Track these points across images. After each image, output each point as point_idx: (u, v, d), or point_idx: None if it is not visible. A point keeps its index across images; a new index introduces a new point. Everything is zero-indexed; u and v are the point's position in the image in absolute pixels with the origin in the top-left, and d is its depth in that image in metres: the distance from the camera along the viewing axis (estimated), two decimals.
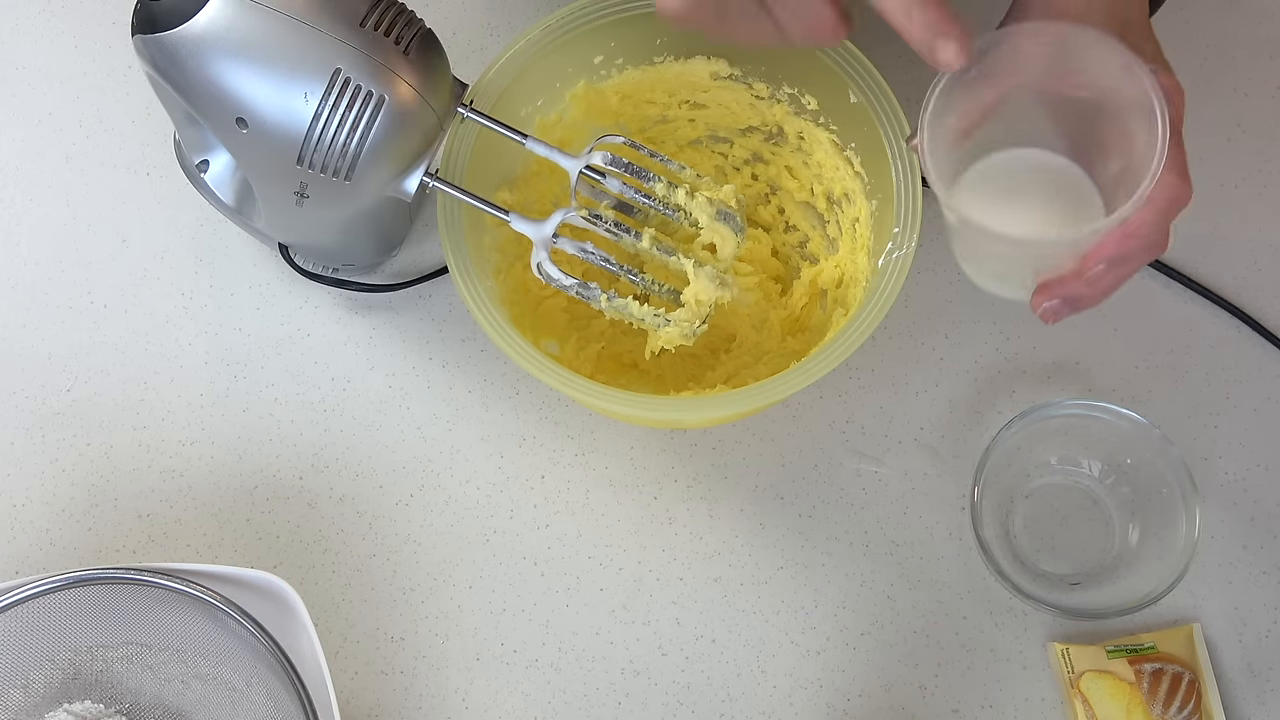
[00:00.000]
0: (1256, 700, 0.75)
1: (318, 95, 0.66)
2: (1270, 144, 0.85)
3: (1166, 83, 0.58)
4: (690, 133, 0.81)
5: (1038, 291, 0.62)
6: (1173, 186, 0.58)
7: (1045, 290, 0.62)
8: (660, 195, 0.69)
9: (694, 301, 0.69)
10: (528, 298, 0.77)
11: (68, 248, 0.86)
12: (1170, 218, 0.59)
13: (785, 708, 0.76)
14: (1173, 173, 0.57)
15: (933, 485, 0.79)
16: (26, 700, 0.73)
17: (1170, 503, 0.74)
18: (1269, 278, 0.82)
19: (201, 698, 0.73)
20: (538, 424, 0.81)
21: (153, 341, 0.84)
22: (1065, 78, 0.60)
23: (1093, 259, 0.59)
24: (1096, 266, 0.59)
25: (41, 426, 0.82)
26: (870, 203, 0.73)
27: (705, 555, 0.78)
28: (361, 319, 0.84)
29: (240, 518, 0.80)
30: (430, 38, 0.69)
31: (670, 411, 0.72)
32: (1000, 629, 0.76)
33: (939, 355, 0.82)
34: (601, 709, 0.76)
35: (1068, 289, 0.61)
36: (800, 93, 0.74)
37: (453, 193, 0.69)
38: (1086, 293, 0.61)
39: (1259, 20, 0.88)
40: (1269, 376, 0.80)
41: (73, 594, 0.71)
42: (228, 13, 0.65)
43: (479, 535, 0.79)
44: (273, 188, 0.72)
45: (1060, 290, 0.61)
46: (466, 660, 0.77)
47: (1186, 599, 0.76)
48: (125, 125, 0.89)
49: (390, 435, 0.81)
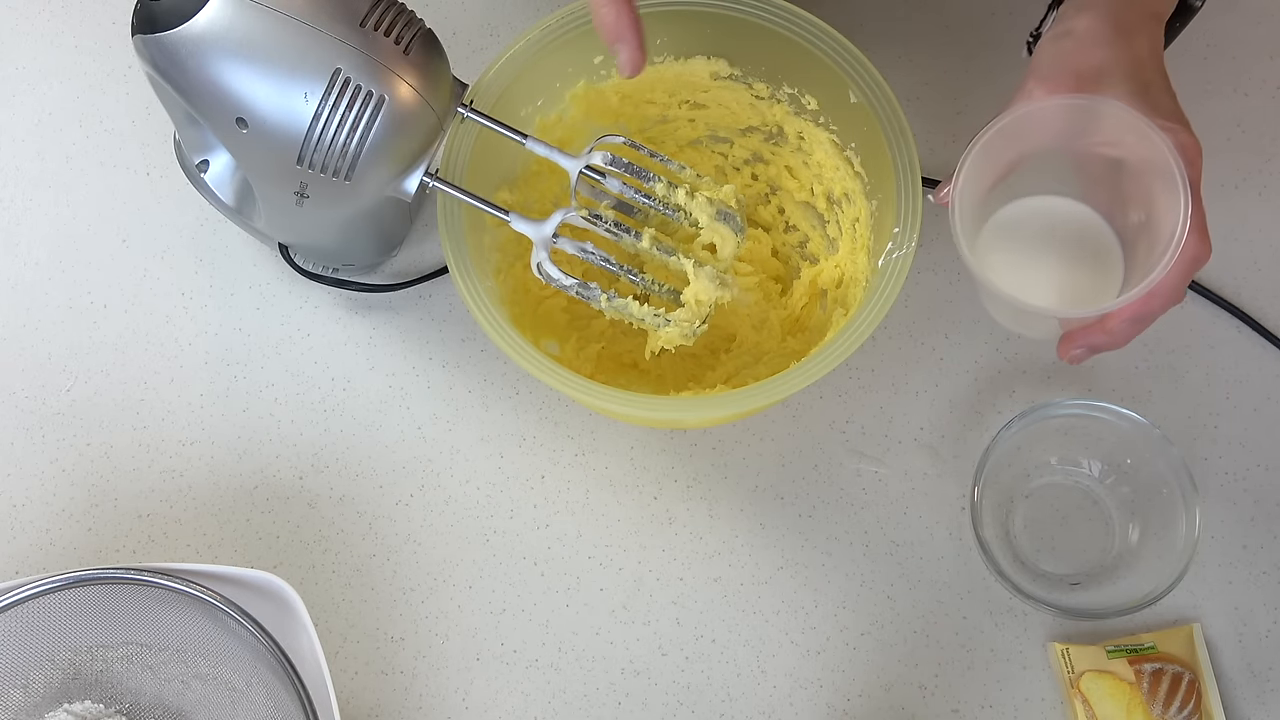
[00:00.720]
0: (1256, 700, 0.75)
1: (318, 95, 0.66)
2: (1270, 144, 0.85)
3: (1185, 142, 0.60)
4: (690, 133, 0.81)
5: (1063, 341, 0.65)
6: (1194, 247, 0.59)
7: (1069, 340, 0.64)
8: (660, 195, 0.69)
9: (694, 301, 0.69)
10: (528, 298, 0.77)
11: (68, 248, 0.86)
12: (1190, 275, 0.61)
13: (785, 708, 0.76)
14: (1194, 233, 0.59)
15: (933, 485, 0.79)
16: (26, 700, 0.73)
17: (1170, 503, 0.74)
18: (1269, 278, 0.82)
19: (201, 698, 0.73)
20: (538, 424, 0.81)
21: (153, 341, 0.84)
22: (1086, 138, 0.62)
23: (1117, 318, 0.62)
24: (1120, 323, 0.62)
25: (41, 426, 0.82)
26: (870, 203, 0.73)
27: (705, 555, 0.78)
28: (361, 319, 0.84)
29: (240, 518, 0.80)
30: (430, 38, 0.69)
31: (670, 411, 0.72)
32: (1000, 629, 0.76)
33: (939, 355, 0.82)
34: (601, 709, 0.76)
35: (1091, 339, 0.63)
36: (800, 93, 0.74)
37: (453, 193, 0.69)
38: (1109, 342, 0.63)
39: (1259, 20, 0.88)
40: (1269, 376, 0.80)
41: (73, 594, 0.71)
42: (228, 13, 0.65)
43: (479, 535, 0.79)
44: (273, 188, 0.72)
45: (1084, 340, 0.64)
46: (466, 660, 0.77)
47: (1186, 599, 0.76)
48: (125, 125, 0.89)
49: (390, 435, 0.81)
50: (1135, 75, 0.61)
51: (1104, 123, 0.60)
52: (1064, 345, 0.65)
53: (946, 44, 0.88)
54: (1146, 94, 0.61)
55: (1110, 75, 0.61)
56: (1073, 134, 0.62)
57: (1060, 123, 0.61)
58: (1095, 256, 0.65)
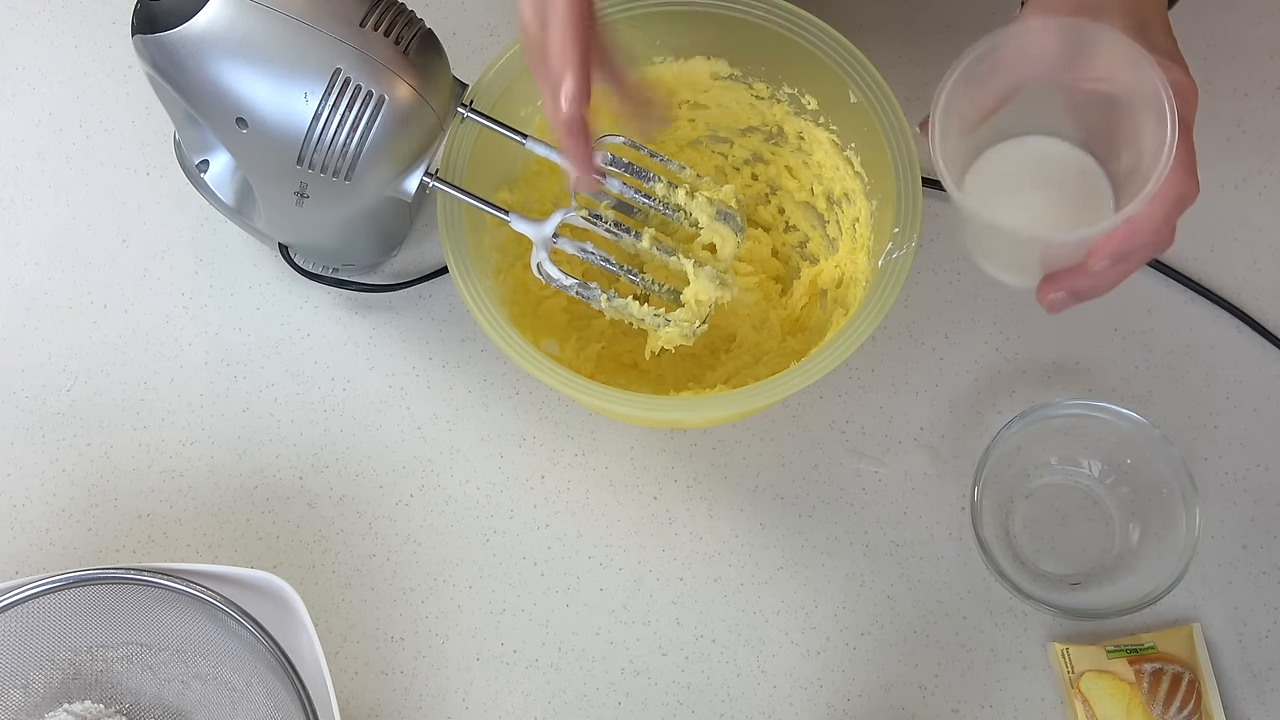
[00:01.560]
0: (1256, 700, 0.75)
1: (318, 95, 0.66)
2: (1270, 144, 0.85)
3: (1180, 80, 0.58)
4: (690, 133, 0.81)
5: (1043, 283, 0.62)
6: (1180, 184, 0.58)
7: (1051, 282, 0.62)
8: (660, 195, 0.69)
9: (694, 301, 0.70)
10: (528, 298, 0.77)
11: (68, 248, 0.86)
12: (1176, 215, 0.59)
13: (785, 708, 0.76)
14: (1180, 170, 0.57)
15: (933, 485, 0.79)
16: (26, 700, 0.73)
17: (1170, 503, 0.74)
18: (1269, 278, 0.82)
19: (201, 698, 0.73)
20: (538, 424, 0.81)
21: (153, 341, 0.84)
22: (1078, 71, 0.60)
23: (1098, 254, 0.59)
24: (1101, 261, 0.59)
25: (41, 426, 0.82)
26: (870, 203, 0.73)
27: (705, 555, 0.78)
28: (361, 319, 0.84)
29: (240, 518, 0.80)
30: (430, 38, 0.69)
31: (670, 411, 0.72)
32: (1000, 629, 0.76)
33: (939, 355, 0.82)
34: (601, 709, 0.76)
35: (1073, 282, 0.61)
36: (800, 93, 0.74)
37: (453, 193, 0.69)
38: (1091, 285, 0.61)
39: (1259, 20, 0.88)
40: (1269, 376, 0.80)
41: (73, 594, 0.71)
42: (228, 13, 0.65)
43: (479, 535, 0.79)
44: (273, 188, 0.72)
45: (1066, 283, 0.61)
46: (466, 660, 0.77)
47: (1186, 599, 0.76)
48: (125, 125, 0.89)
49: (390, 435, 0.81)
50: (1134, 12, 0.60)
51: (1098, 52, 0.58)
52: (1044, 288, 0.62)
53: (946, 44, 0.87)
54: (1145, 31, 0.59)
55: (1108, 8, 0.59)
56: (1065, 63, 0.60)
57: (1052, 48, 0.59)
58: (1085, 198, 0.63)
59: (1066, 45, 0.59)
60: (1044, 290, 0.62)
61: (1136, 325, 0.81)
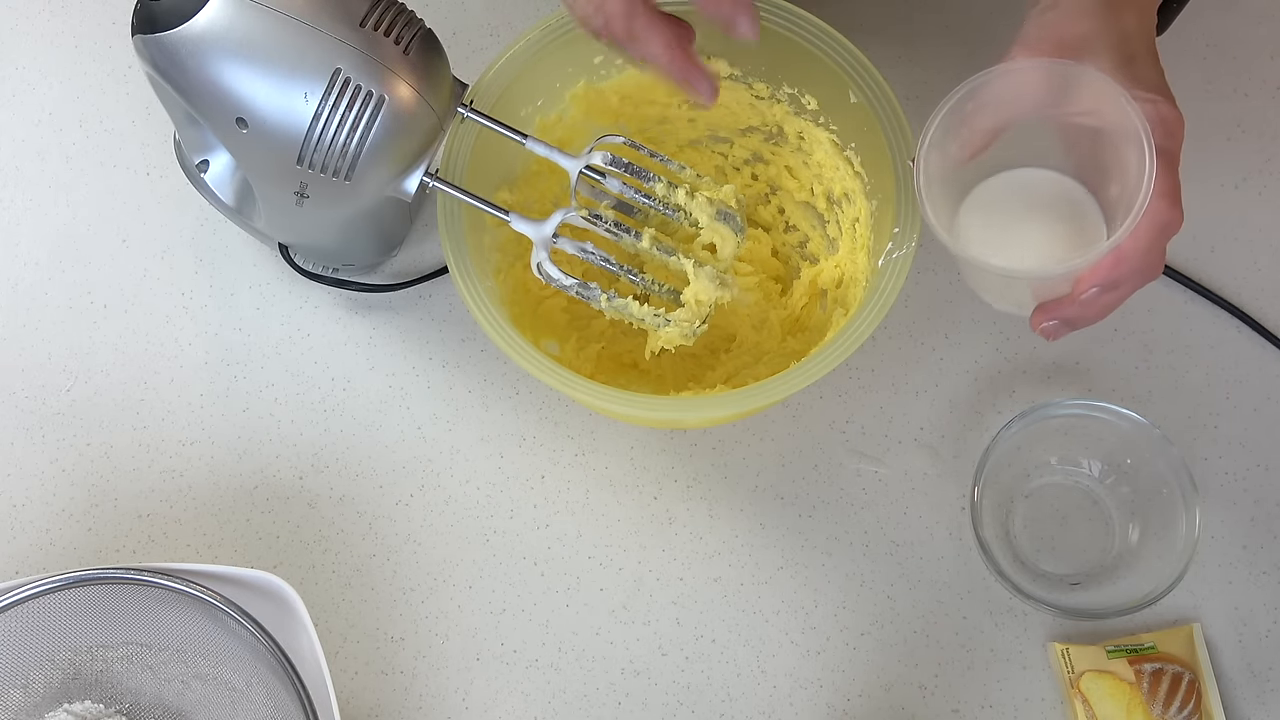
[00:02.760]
0: (1256, 700, 0.75)
1: (318, 95, 0.66)
2: (1270, 144, 0.85)
3: (1165, 113, 0.59)
4: (690, 133, 0.81)
5: (1036, 312, 0.63)
6: (1163, 213, 0.59)
7: (1043, 311, 0.63)
8: (660, 195, 0.69)
9: (694, 301, 0.69)
10: (528, 298, 0.77)
11: (68, 248, 0.86)
12: (1162, 243, 0.60)
13: (785, 708, 0.76)
14: (1163, 200, 0.58)
15: (933, 485, 0.79)
16: (26, 700, 0.73)
17: (1170, 503, 0.74)
18: (1269, 278, 0.82)
19: (201, 698, 0.73)
20: (538, 424, 0.81)
21: (153, 341, 0.84)
22: (1063, 108, 0.61)
23: (1084, 284, 0.61)
24: (1089, 290, 0.60)
25: (41, 426, 0.82)
26: (870, 203, 0.73)
27: (705, 555, 0.78)
28: (361, 319, 0.84)
29: (240, 518, 0.80)
30: (430, 38, 0.69)
31: (670, 411, 0.72)
32: (1000, 629, 0.76)
33: (939, 355, 0.82)
34: (601, 709, 0.76)
35: (1064, 311, 0.62)
36: (800, 93, 0.74)
37: (453, 193, 0.69)
38: (1080, 314, 0.62)
39: (1259, 20, 0.88)
40: (1269, 376, 0.80)
41: (73, 594, 0.71)
42: (228, 13, 0.65)
43: (479, 535, 0.79)
44: (273, 188, 0.72)
45: (1057, 312, 0.62)
46: (466, 660, 0.77)
47: (1186, 599, 0.76)
48: (125, 125, 0.89)
49: (390, 435, 0.81)
50: (1119, 48, 0.60)
51: (1082, 90, 0.59)
52: (1037, 317, 0.63)
53: (946, 44, 0.88)
54: (1130, 66, 0.60)
55: (1094, 46, 0.60)
56: (1052, 101, 0.60)
57: (1038, 88, 0.60)
58: (1078, 229, 0.63)
59: (1053, 85, 0.60)
60: (1037, 319, 0.63)
61: (1136, 325, 0.81)
